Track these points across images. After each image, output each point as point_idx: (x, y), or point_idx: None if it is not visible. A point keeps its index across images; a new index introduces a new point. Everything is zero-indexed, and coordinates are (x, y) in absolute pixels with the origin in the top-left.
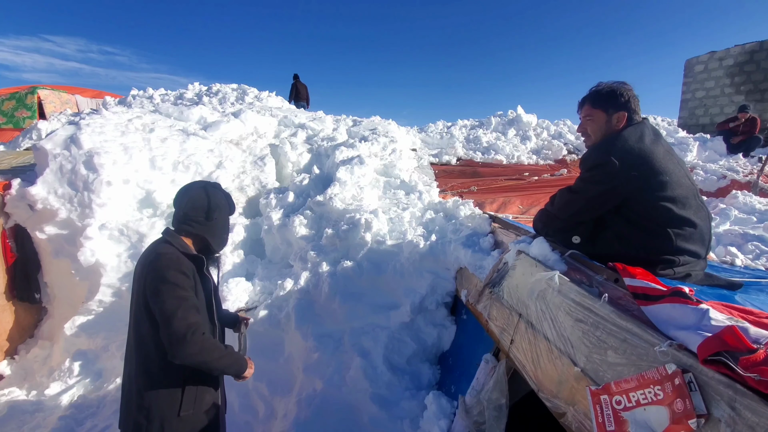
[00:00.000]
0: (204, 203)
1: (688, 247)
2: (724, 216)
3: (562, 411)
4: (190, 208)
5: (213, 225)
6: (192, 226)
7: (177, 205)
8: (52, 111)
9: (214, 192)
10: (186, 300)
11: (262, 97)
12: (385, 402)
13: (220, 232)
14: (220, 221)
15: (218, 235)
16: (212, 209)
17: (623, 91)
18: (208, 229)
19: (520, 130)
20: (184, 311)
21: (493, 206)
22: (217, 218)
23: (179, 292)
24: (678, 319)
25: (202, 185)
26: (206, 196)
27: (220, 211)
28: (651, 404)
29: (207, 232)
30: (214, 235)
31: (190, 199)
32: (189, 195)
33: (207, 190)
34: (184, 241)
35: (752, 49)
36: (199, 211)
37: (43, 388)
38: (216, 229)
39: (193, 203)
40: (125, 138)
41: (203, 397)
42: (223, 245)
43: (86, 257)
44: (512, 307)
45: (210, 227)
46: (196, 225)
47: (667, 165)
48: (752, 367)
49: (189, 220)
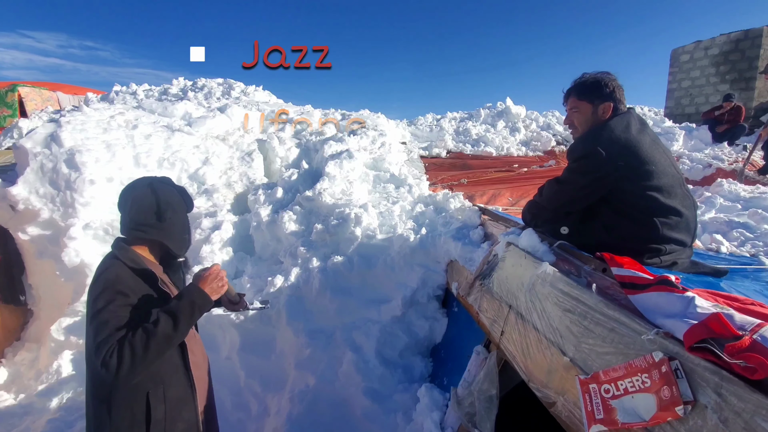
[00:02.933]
0: (151, 202)
1: (674, 236)
2: (709, 204)
3: (552, 400)
4: (136, 211)
5: (167, 226)
6: (143, 231)
7: (121, 209)
8: (33, 109)
9: (162, 188)
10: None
11: (249, 92)
12: (378, 395)
13: (179, 233)
14: (175, 221)
15: (176, 237)
16: (163, 209)
17: (608, 82)
18: (163, 232)
19: (509, 122)
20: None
21: (483, 198)
22: (171, 218)
23: (105, 315)
24: (664, 307)
25: (147, 182)
26: (153, 194)
27: (174, 210)
28: (639, 392)
29: (163, 236)
30: (171, 237)
31: (134, 200)
32: (133, 196)
33: (153, 186)
34: (136, 252)
35: (737, 38)
36: (147, 213)
37: (31, 391)
38: (173, 231)
39: (140, 204)
40: (108, 135)
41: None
42: (185, 248)
43: (71, 258)
44: (502, 298)
45: (164, 229)
46: (147, 229)
47: (653, 154)
48: (737, 354)
49: (138, 224)
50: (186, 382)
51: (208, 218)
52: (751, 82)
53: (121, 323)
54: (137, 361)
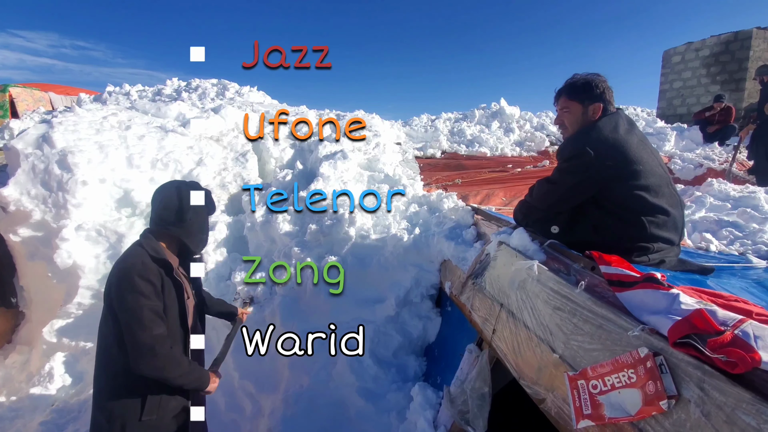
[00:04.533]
0: (175, 204)
1: (661, 235)
2: (699, 203)
3: (542, 397)
4: (162, 209)
5: (187, 226)
6: (166, 228)
7: (152, 206)
8: (24, 109)
9: (187, 192)
10: (150, 310)
11: (243, 92)
12: (372, 395)
13: (197, 233)
14: (195, 222)
15: (195, 236)
16: (184, 210)
17: (598, 83)
18: (183, 231)
19: (504, 123)
20: (150, 322)
21: (477, 198)
22: (192, 219)
23: (142, 300)
24: (650, 304)
25: (176, 185)
26: (178, 197)
27: (195, 212)
28: (625, 387)
29: (182, 234)
30: (189, 236)
31: (162, 199)
32: (162, 195)
33: (180, 190)
34: (158, 244)
35: (727, 40)
36: (171, 213)
37: (22, 393)
38: (192, 230)
39: (165, 204)
40: (100, 136)
41: (168, 403)
42: (202, 246)
43: (63, 259)
44: (494, 297)
45: (184, 228)
46: (170, 227)
47: (640, 154)
48: (719, 349)
49: (162, 221)
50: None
51: None
52: (741, 83)
53: (159, 312)
54: (161, 374)
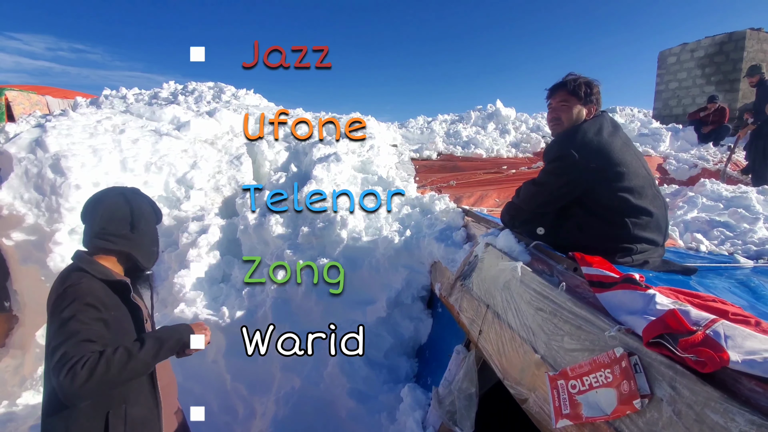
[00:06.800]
0: (125, 212)
1: (645, 236)
2: (691, 204)
3: (524, 397)
4: (107, 220)
5: (139, 237)
6: (112, 241)
7: (89, 219)
8: (21, 113)
9: (134, 198)
10: (77, 333)
11: (240, 95)
12: (363, 396)
13: (148, 245)
14: (146, 232)
15: (146, 249)
16: (136, 218)
17: (595, 86)
18: (134, 244)
19: (500, 124)
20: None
21: (471, 200)
22: (143, 229)
23: (72, 325)
24: (628, 304)
25: (119, 191)
26: (127, 204)
27: (146, 221)
28: (602, 387)
29: (132, 247)
30: (140, 249)
31: (106, 209)
32: (104, 205)
33: (126, 196)
34: (102, 264)
35: (722, 41)
36: (120, 223)
37: (15, 397)
38: (143, 243)
39: (112, 214)
40: (94, 140)
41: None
42: (153, 261)
43: (56, 263)
44: (480, 298)
45: (135, 241)
46: (117, 240)
47: (624, 156)
48: (690, 348)
49: (108, 235)
50: (152, 403)
51: (196, 222)
52: (736, 83)
53: (91, 336)
54: (108, 379)
